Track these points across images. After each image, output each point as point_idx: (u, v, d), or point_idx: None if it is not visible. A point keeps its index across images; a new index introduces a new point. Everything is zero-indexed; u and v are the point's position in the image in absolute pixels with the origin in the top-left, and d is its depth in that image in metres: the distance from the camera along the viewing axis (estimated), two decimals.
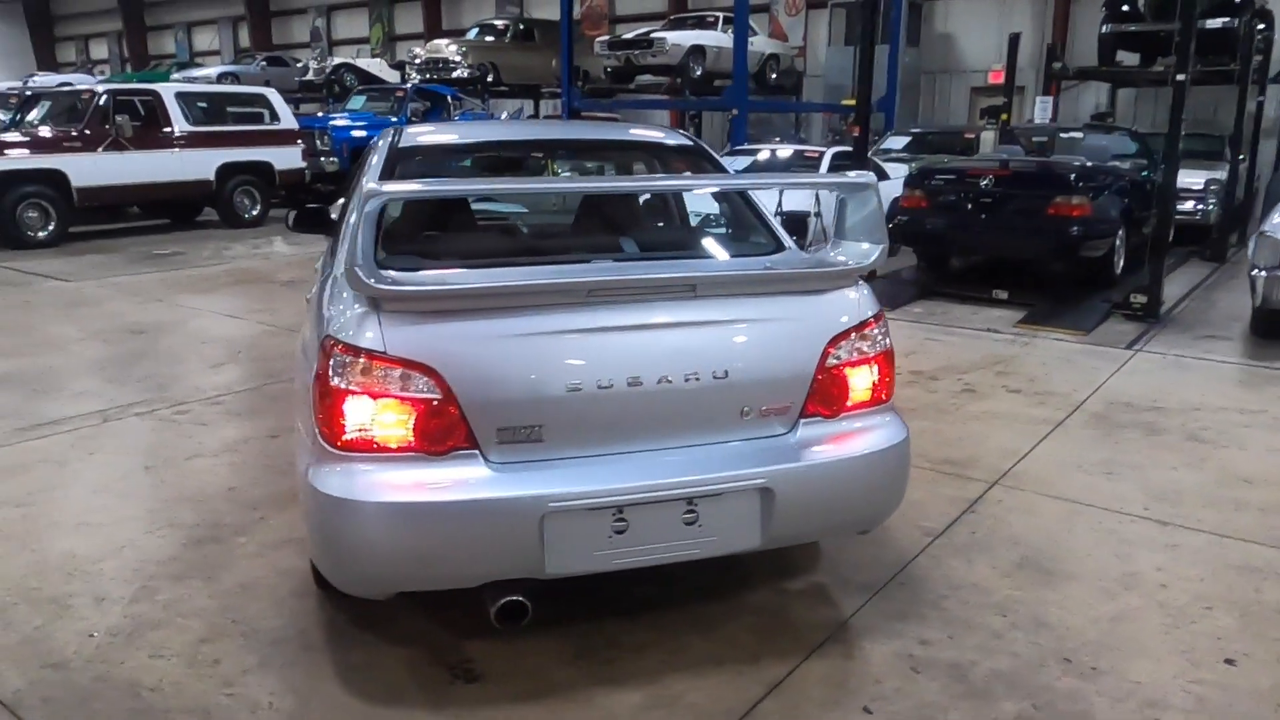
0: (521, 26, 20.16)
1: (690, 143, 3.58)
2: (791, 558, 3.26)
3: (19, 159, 10.97)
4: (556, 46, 17.93)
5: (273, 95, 13.63)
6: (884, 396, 2.72)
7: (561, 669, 2.63)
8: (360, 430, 2.28)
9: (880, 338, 2.69)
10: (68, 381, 5.48)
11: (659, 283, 2.43)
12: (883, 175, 10.05)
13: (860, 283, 2.71)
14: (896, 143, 13.90)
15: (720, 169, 3.43)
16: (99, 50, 36.61)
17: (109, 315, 7.39)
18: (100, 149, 11.57)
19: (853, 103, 16.28)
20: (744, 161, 10.18)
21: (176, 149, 12.22)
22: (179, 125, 12.27)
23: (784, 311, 2.55)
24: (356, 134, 14.57)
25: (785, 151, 11.12)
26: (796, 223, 8.41)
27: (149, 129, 12.09)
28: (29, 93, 14.22)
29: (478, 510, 2.27)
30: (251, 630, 2.83)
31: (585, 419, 2.37)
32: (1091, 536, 3.49)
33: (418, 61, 19.62)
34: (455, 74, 18.66)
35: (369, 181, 2.23)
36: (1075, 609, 2.97)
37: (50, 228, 11.26)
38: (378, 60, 23.73)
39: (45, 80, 22.77)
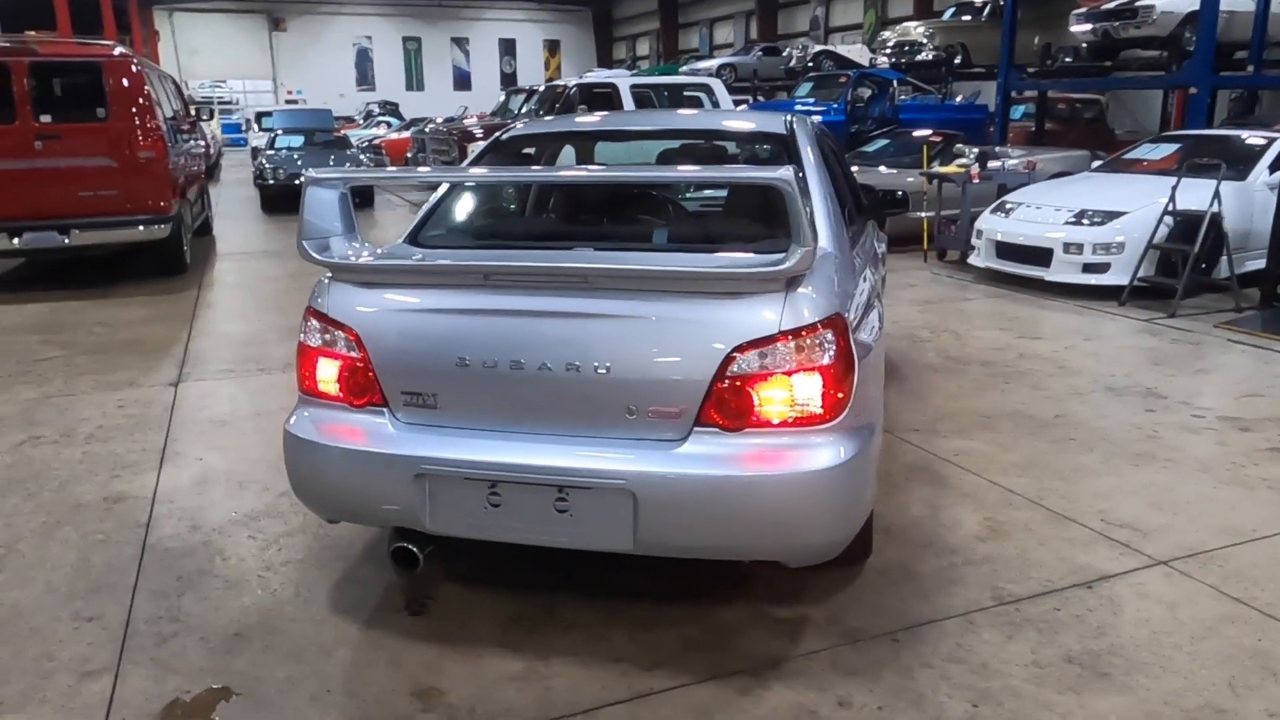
0: (1001, 3, 18.79)
1: (782, 131, 3.36)
2: (803, 584, 3.00)
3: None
4: (1040, 22, 16.50)
5: (715, 84, 14.65)
6: (825, 416, 2.41)
7: (489, 626, 2.82)
8: (311, 379, 2.71)
9: (816, 350, 2.38)
10: None
11: (548, 271, 2.47)
12: None
13: (802, 290, 2.41)
14: None
15: (797, 162, 3.19)
16: (643, 48, 41.87)
17: None
18: None
19: None
20: (1165, 150, 8.57)
21: None
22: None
23: (683, 313, 2.40)
24: None
25: (1251, 139, 9.08)
26: (1190, 224, 6.97)
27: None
28: (534, 87, 17.04)
29: (367, 459, 2.56)
30: (324, 534, 3.44)
31: (473, 394, 2.52)
32: (1225, 650, 2.63)
33: (888, 46, 19.40)
34: (919, 57, 18.12)
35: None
36: None
37: None
38: (859, 46, 23.87)
39: (594, 75, 26.91)
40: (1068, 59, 17.17)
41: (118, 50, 8.22)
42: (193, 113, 12.41)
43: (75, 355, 6.09)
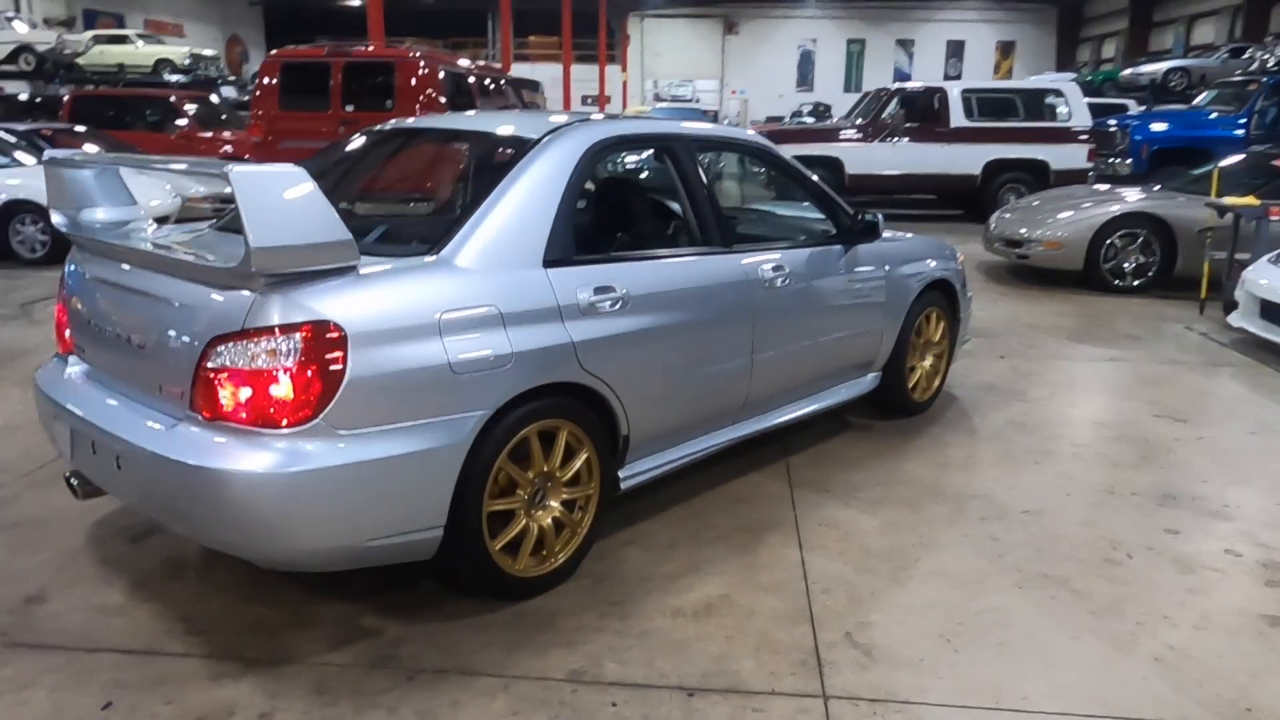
0: None
1: (531, 137, 3.13)
2: (429, 605, 2.89)
3: (803, 147, 13.13)
4: None
5: (1069, 90, 12.89)
6: (288, 420, 2.36)
7: (159, 565, 3.14)
8: (54, 331, 3.24)
9: (281, 353, 2.35)
10: None
11: (116, 249, 2.72)
12: None
13: (292, 290, 2.37)
14: None
15: (505, 170, 2.99)
16: (1109, 49, 37.43)
17: None
18: (875, 140, 12.94)
19: None
20: None
21: (946, 143, 12.76)
22: (955, 120, 12.75)
23: (189, 300, 2.50)
24: (1163, 135, 12.69)
25: None
26: None
27: (928, 123, 12.91)
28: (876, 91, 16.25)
29: (40, 399, 3.02)
30: None
31: (96, 353, 2.87)
32: None
33: None
34: None
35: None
36: None
37: None
38: None
39: (1040, 79, 24.58)
40: None
41: (412, 53, 9.69)
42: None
43: None
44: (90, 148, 11.30)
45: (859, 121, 13.39)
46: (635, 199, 3.72)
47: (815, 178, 4.17)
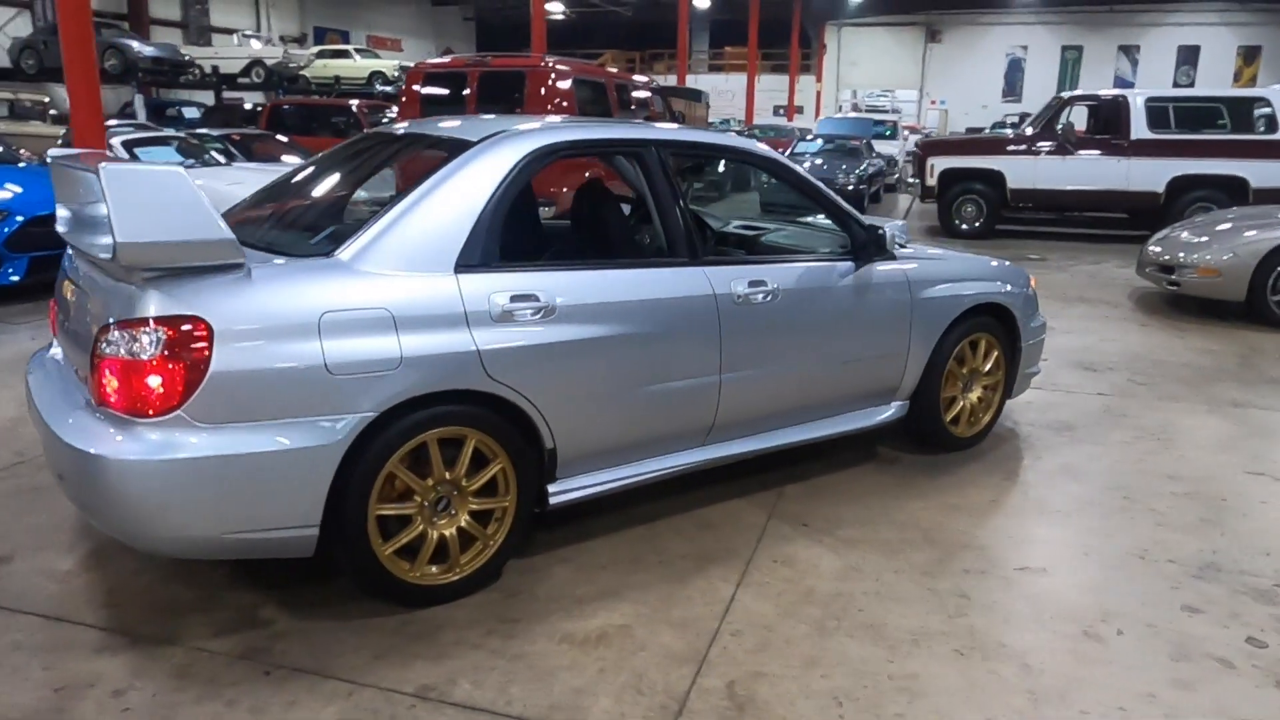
0: None
1: (470, 140, 3.07)
2: (347, 602, 2.92)
3: (960, 159, 12.36)
4: None
5: (1277, 99, 11.39)
6: (149, 409, 2.44)
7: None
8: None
9: (145, 344, 2.43)
10: None
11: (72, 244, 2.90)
12: None
13: (169, 285, 2.45)
14: None
15: (432, 170, 2.97)
16: None
17: None
18: (1042, 153, 12.00)
19: None
20: None
21: (1124, 156, 11.64)
22: (1137, 131, 11.60)
23: (98, 291, 2.66)
24: None
25: None
26: None
27: (1105, 135, 11.87)
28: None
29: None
30: None
31: (61, 339, 3.09)
32: None
33: None
34: None
35: None
36: None
37: (979, 223, 12.43)
38: None
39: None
40: None
41: (543, 62, 9.90)
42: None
43: None
44: (288, 156, 12.35)
45: (1027, 132, 12.46)
46: (591, 206, 3.58)
47: (826, 189, 3.88)
